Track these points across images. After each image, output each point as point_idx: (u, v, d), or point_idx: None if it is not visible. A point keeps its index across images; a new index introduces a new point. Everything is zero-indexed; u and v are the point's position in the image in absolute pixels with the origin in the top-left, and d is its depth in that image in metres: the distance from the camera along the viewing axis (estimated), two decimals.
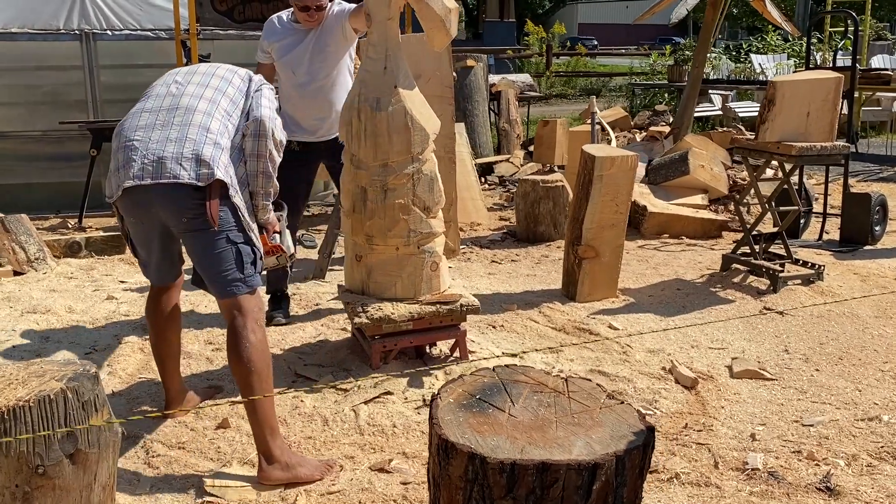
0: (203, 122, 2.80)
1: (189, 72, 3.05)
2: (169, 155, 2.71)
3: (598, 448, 1.78)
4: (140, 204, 2.81)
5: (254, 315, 2.82)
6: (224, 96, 2.92)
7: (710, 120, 12.54)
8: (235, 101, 2.94)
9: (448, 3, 3.46)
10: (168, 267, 3.10)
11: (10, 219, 5.40)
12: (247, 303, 2.82)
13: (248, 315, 2.80)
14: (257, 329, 2.81)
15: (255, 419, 2.76)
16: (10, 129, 7.35)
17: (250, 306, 2.82)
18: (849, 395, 3.54)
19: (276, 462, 2.77)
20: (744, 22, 29.33)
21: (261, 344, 2.79)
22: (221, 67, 3.07)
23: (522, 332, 4.29)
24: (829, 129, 4.88)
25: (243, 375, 2.76)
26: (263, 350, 2.80)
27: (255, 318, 2.82)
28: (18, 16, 7.19)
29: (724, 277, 5.21)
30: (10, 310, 4.57)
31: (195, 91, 2.91)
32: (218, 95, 2.91)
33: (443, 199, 3.66)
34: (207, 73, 3.01)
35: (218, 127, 2.82)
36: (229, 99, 2.93)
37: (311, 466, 2.83)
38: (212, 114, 2.84)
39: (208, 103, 2.87)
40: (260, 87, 3.02)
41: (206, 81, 2.95)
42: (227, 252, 2.79)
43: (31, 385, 2.31)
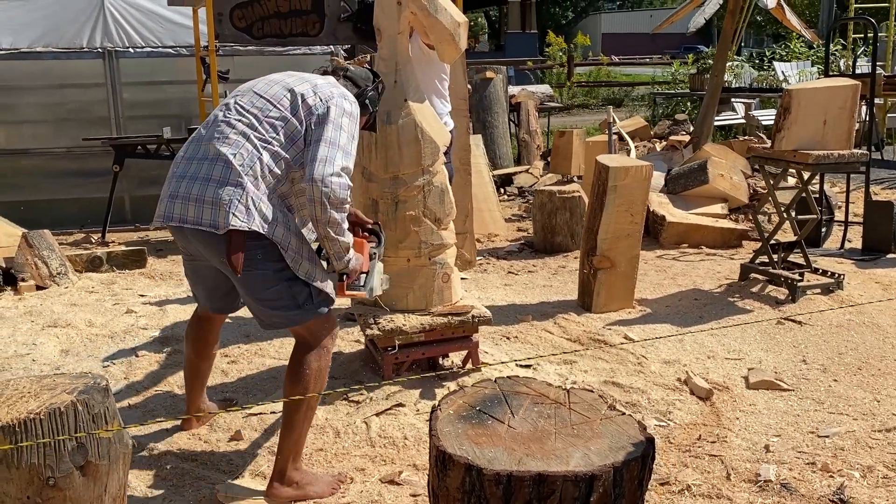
0: (229, 158, 2.57)
1: (248, 89, 2.79)
2: (195, 196, 2.56)
3: (596, 459, 1.77)
4: (183, 239, 2.76)
5: (318, 340, 2.75)
6: (264, 121, 2.64)
7: (732, 128, 12.45)
8: (277, 126, 2.64)
9: (457, 17, 3.49)
10: (220, 296, 2.99)
11: (32, 234, 5.50)
12: (310, 328, 2.74)
13: (311, 339, 2.75)
14: (323, 354, 2.76)
15: (287, 441, 2.75)
16: (35, 146, 7.50)
17: (314, 330, 2.74)
18: (867, 406, 3.49)
19: (288, 481, 2.78)
20: (768, 29, 29.11)
21: (321, 371, 2.75)
22: (280, 83, 2.75)
23: (537, 343, 4.28)
24: (847, 137, 4.83)
25: (291, 394, 2.73)
26: (321, 377, 2.76)
27: (320, 343, 2.75)
28: (43, 35, 7.35)
29: (743, 287, 5.16)
30: (32, 324, 4.65)
31: (235, 117, 2.68)
32: (256, 122, 2.64)
33: (454, 210, 3.67)
34: (262, 90, 2.74)
35: (245, 161, 2.57)
36: (269, 124, 2.64)
37: (321, 483, 2.83)
38: (241, 146, 2.59)
39: (239, 135, 2.62)
40: (325, 114, 2.64)
41: (252, 102, 2.70)
42: (272, 291, 2.66)
43: (43, 398, 2.35)
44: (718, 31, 25.11)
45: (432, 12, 3.38)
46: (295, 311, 2.71)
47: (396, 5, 3.39)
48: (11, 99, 7.38)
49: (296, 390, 2.70)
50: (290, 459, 2.76)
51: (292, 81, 2.76)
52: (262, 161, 2.60)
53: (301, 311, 2.71)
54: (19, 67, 7.31)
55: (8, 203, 7.19)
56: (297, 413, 2.71)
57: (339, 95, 2.71)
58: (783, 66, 13.78)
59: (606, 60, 21.71)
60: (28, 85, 7.37)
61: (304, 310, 2.71)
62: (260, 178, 2.59)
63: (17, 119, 7.45)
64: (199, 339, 3.16)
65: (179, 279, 5.72)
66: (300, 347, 2.77)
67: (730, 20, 8.15)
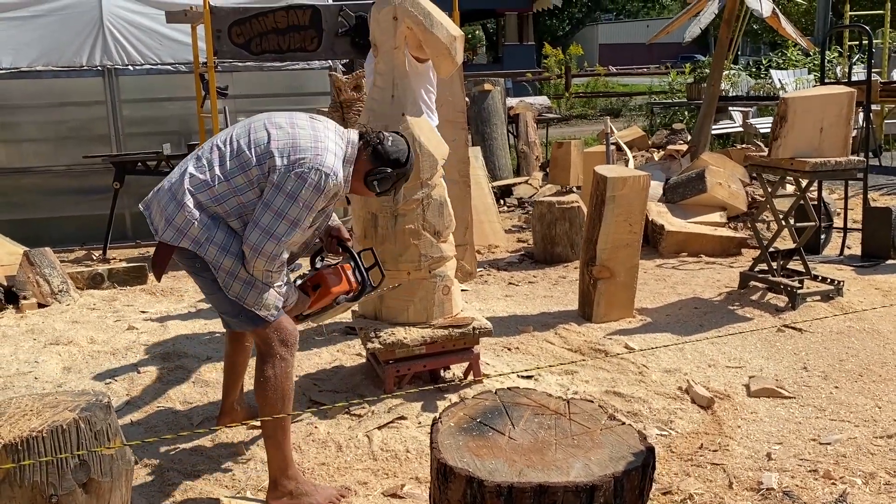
0: (186, 176, 2.72)
1: (253, 121, 2.85)
2: (158, 197, 2.77)
3: (597, 470, 1.78)
4: None
5: (269, 347, 2.80)
6: (235, 159, 2.72)
7: (730, 137, 12.49)
8: (244, 166, 2.70)
9: (453, 31, 3.51)
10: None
11: (34, 252, 5.52)
12: (259, 335, 2.81)
13: (263, 346, 2.81)
14: (276, 363, 2.79)
15: (270, 452, 2.82)
16: (36, 165, 7.53)
17: (263, 337, 2.80)
18: (868, 413, 3.50)
19: (283, 491, 2.81)
20: (764, 38, 29.22)
21: (276, 379, 2.78)
22: (268, 127, 2.77)
23: (538, 354, 4.28)
24: (843, 144, 4.86)
25: (260, 407, 2.82)
26: (278, 386, 2.79)
27: (272, 351, 2.80)
28: (42, 54, 7.39)
29: (743, 295, 5.17)
30: (34, 341, 4.66)
31: (221, 141, 2.79)
32: (229, 156, 2.73)
33: (453, 223, 3.69)
34: (255, 128, 2.79)
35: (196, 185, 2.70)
36: (237, 164, 2.71)
37: (320, 495, 2.84)
38: (204, 171, 2.72)
39: (211, 160, 2.74)
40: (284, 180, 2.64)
41: (240, 135, 2.78)
42: (214, 297, 2.81)
43: (45, 416, 2.36)
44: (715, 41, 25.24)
45: (428, 27, 3.41)
46: (236, 319, 2.81)
47: (392, 20, 3.42)
48: (12, 118, 7.41)
49: (261, 400, 2.80)
50: (279, 470, 2.81)
51: (279, 131, 2.74)
52: (213, 191, 2.70)
53: (240, 319, 2.80)
54: (19, 86, 7.35)
55: (9, 221, 7.21)
56: (268, 425, 2.79)
57: (309, 166, 2.66)
58: (780, 74, 13.83)
59: (603, 71, 21.79)
60: (28, 104, 7.41)
61: (243, 319, 2.80)
62: (205, 203, 2.69)
63: (18, 138, 7.49)
64: (235, 337, 3.25)
65: (180, 295, 5.74)
66: (258, 355, 2.85)
67: (726, 29, 8.20)
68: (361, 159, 2.87)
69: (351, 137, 2.87)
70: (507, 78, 15.20)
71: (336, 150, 2.76)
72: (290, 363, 2.83)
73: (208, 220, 2.69)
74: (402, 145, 2.94)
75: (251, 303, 2.73)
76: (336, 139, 2.80)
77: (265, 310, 2.75)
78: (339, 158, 2.76)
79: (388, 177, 2.89)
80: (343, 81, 4.99)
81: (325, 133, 2.78)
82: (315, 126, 2.80)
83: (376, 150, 2.86)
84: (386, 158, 2.87)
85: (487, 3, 24.72)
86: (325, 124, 2.85)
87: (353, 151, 2.85)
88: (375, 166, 2.87)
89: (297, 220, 2.65)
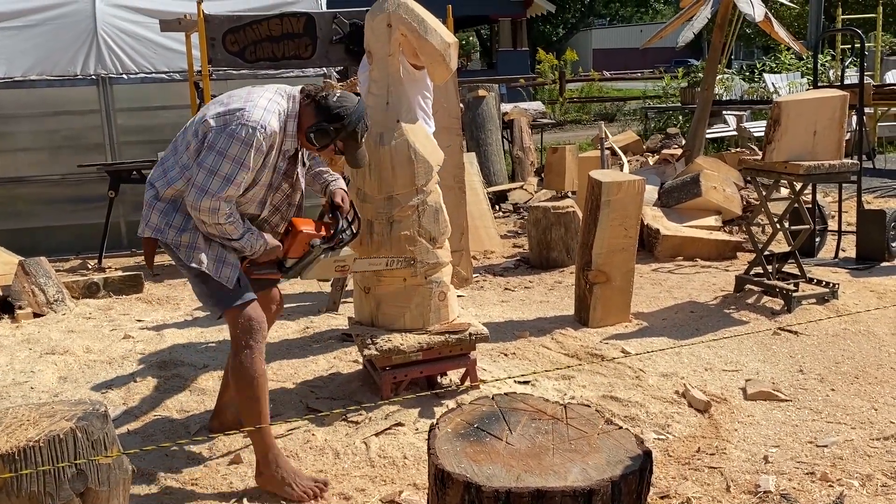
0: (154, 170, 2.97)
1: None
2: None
3: (594, 474, 1.78)
4: None
5: (237, 338, 2.94)
6: (185, 138, 2.92)
7: (724, 141, 12.53)
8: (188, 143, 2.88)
9: (447, 37, 3.53)
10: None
11: (29, 262, 5.51)
12: (232, 321, 2.95)
13: (234, 333, 2.96)
14: (242, 350, 2.92)
15: (250, 436, 3.00)
16: (30, 174, 7.52)
17: (231, 324, 2.95)
18: (864, 415, 3.51)
19: (267, 475, 2.95)
20: (757, 42, 29.34)
21: (243, 366, 2.91)
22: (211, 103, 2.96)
23: (534, 359, 4.29)
24: (837, 147, 4.88)
25: (236, 393, 3.00)
26: (245, 373, 2.92)
27: (239, 339, 2.93)
28: (37, 63, 7.39)
29: (738, 299, 5.18)
30: (30, 351, 4.65)
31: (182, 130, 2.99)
32: (181, 137, 2.94)
33: (448, 229, 3.69)
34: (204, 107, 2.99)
35: (155, 174, 2.93)
36: (184, 141, 2.91)
37: (300, 487, 2.93)
38: (165, 160, 2.94)
39: (171, 148, 2.97)
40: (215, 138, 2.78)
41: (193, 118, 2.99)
42: (192, 286, 3.03)
43: (42, 425, 2.35)
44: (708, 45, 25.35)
45: (422, 34, 3.42)
46: (206, 304, 3.03)
47: (387, 28, 3.43)
48: (6, 127, 7.40)
49: (234, 387, 2.98)
50: (260, 454, 2.96)
51: (216, 105, 2.90)
52: (167, 176, 2.89)
53: (209, 304, 3.00)
54: (13, 96, 7.34)
55: (4, 231, 7.19)
56: (242, 409, 3.00)
57: (237, 122, 2.76)
58: (773, 78, 13.89)
59: (598, 76, 21.85)
60: (23, 113, 7.40)
61: (210, 304, 2.98)
62: (161, 189, 2.89)
63: (13, 147, 7.47)
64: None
65: (176, 303, 5.73)
66: (231, 346, 2.98)
67: (719, 34, 8.23)
68: (305, 114, 2.95)
69: (293, 93, 2.97)
70: (501, 84, 15.23)
71: (269, 106, 2.84)
72: (257, 349, 2.94)
73: (166, 206, 2.90)
74: (348, 102, 2.96)
75: (212, 270, 2.88)
76: (275, 97, 2.90)
77: (225, 279, 2.90)
78: (271, 113, 2.83)
79: (326, 131, 2.93)
80: (338, 89, 5.00)
81: (259, 92, 2.90)
82: (252, 89, 2.93)
83: (318, 104, 2.94)
84: (326, 112, 2.92)
85: (481, 10, 24.75)
86: (266, 87, 2.96)
87: (293, 106, 2.94)
88: (317, 120, 2.93)
89: (229, 176, 2.75)
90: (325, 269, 3.22)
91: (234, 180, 2.76)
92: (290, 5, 7.69)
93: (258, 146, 2.78)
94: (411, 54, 3.70)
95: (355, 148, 3.05)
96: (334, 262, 3.22)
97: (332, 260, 3.20)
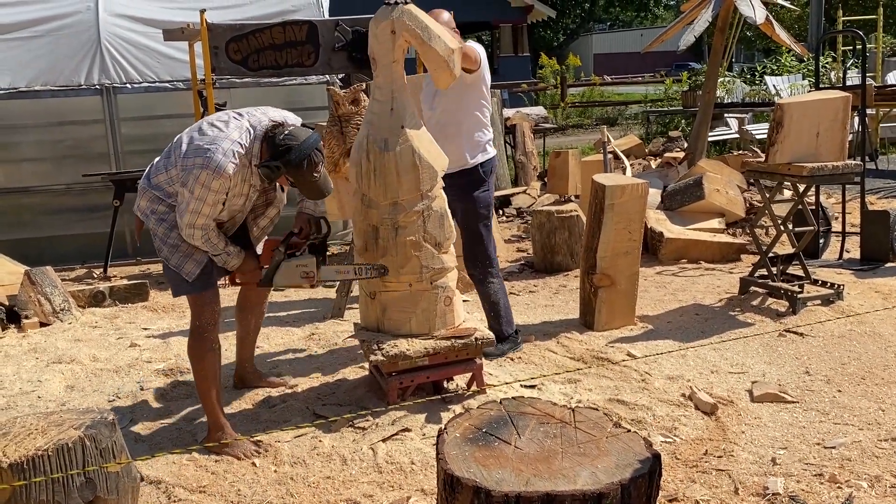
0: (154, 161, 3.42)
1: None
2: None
3: (604, 477, 1.78)
4: None
5: (193, 318, 3.40)
6: (175, 141, 3.33)
7: (727, 143, 12.53)
8: (174, 149, 3.31)
9: (451, 43, 3.53)
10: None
11: (35, 271, 5.52)
12: (190, 305, 3.42)
13: (191, 319, 3.41)
14: (195, 335, 3.38)
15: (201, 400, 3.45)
16: (35, 184, 7.54)
17: (190, 307, 3.42)
18: (872, 416, 3.50)
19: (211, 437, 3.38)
20: (758, 44, 29.35)
21: (192, 346, 3.39)
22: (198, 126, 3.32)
23: (540, 363, 4.29)
24: (840, 149, 4.88)
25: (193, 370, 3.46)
26: (194, 352, 3.39)
27: (194, 323, 3.39)
28: (41, 74, 7.42)
29: (743, 301, 5.18)
30: (37, 360, 4.66)
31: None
32: (175, 144, 3.32)
33: (453, 234, 3.70)
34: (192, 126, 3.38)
35: (151, 170, 3.37)
36: (172, 144, 3.33)
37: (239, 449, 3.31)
38: (162, 157, 3.36)
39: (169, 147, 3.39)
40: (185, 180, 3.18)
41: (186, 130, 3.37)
42: (163, 264, 3.43)
43: (51, 434, 2.36)
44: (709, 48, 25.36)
45: (426, 40, 3.43)
46: (172, 288, 3.43)
47: (390, 34, 3.44)
48: (11, 138, 7.43)
49: (191, 364, 3.44)
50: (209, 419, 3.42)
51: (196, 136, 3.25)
52: (158, 177, 3.32)
53: (172, 287, 3.42)
54: (18, 106, 7.36)
55: (10, 241, 7.21)
56: (197, 385, 3.45)
57: (200, 165, 3.13)
58: (774, 81, 13.90)
59: (599, 80, 21.87)
60: (27, 123, 7.42)
61: (173, 287, 3.41)
62: (153, 184, 3.33)
63: (18, 157, 7.49)
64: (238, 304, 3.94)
65: (182, 311, 5.74)
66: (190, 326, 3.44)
67: (719, 37, 8.24)
68: (263, 150, 3.24)
69: (259, 132, 3.24)
70: (503, 89, 15.25)
71: (230, 149, 3.15)
72: (204, 328, 3.36)
73: (154, 196, 3.33)
74: (293, 140, 3.18)
75: (174, 264, 3.32)
76: (241, 137, 3.20)
77: (185, 273, 3.32)
78: (230, 157, 3.13)
79: (270, 167, 3.19)
80: (341, 95, 5.00)
81: (227, 132, 3.19)
82: (225, 126, 3.23)
83: (268, 142, 3.21)
84: (273, 149, 3.19)
85: (482, 16, 24.81)
86: (238, 123, 3.25)
87: (256, 145, 3.23)
88: (265, 158, 3.22)
89: (195, 210, 3.16)
90: (289, 274, 3.47)
91: (200, 212, 3.18)
92: (293, 13, 7.72)
93: (216, 188, 3.15)
94: (464, 60, 3.78)
95: (307, 180, 3.26)
96: (297, 266, 3.46)
97: (294, 265, 3.45)
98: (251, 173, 3.26)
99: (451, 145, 4.20)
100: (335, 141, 5.12)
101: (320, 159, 3.24)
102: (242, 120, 3.27)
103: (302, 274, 3.47)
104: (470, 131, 4.22)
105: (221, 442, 3.32)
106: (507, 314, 4.45)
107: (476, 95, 4.22)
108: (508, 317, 4.46)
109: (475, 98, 4.22)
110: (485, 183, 4.27)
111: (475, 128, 4.23)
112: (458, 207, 4.25)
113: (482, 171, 4.25)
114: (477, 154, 4.24)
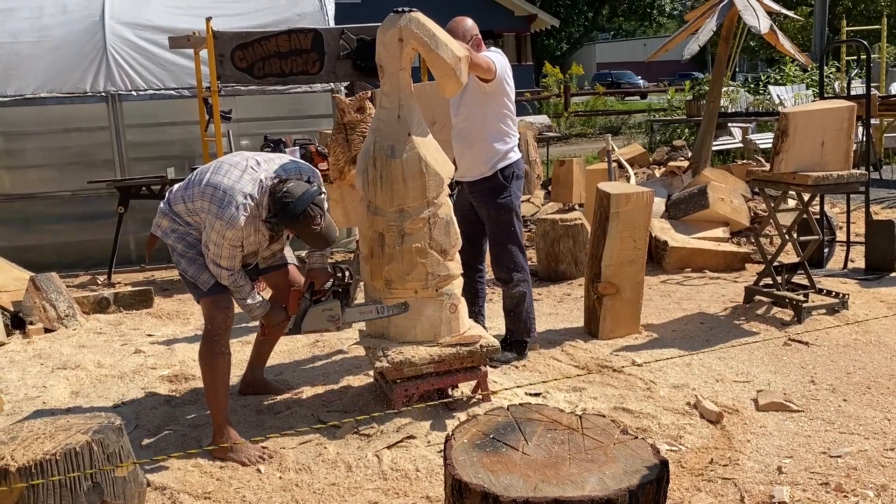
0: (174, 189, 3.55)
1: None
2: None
3: (612, 484, 1.78)
4: None
5: (206, 321, 3.50)
6: (197, 173, 3.48)
7: (731, 153, 12.54)
8: (195, 183, 3.43)
9: (457, 51, 3.55)
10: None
11: (40, 277, 5.53)
12: (202, 309, 3.51)
13: (203, 319, 3.53)
14: (206, 338, 3.46)
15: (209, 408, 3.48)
16: (40, 191, 7.56)
17: (203, 310, 3.51)
18: (878, 425, 3.49)
19: (217, 442, 3.39)
20: (762, 54, 29.40)
21: (203, 351, 3.45)
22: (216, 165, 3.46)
23: (545, 371, 4.29)
24: (845, 158, 4.88)
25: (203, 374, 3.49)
26: (204, 356, 3.44)
27: (206, 326, 3.48)
28: (47, 81, 7.45)
29: (748, 310, 5.18)
30: (42, 366, 4.67)
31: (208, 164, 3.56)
32: (194, 178, 3.46)
33: (459, 241, 3.71)
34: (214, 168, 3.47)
35: (173, 197, 3.49)
36: (193, 178, 3.46)
37: (245, 454, 3.33)
38: (184, 188, 3.47)
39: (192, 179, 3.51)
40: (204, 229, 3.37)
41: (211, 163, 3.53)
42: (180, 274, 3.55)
43: (58, 439, 2.37)
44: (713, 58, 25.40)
45: (433, 48, 3.45)
46: (191, 291, 3.54)
47: (398, 42, 3.45)
48: (17, 144, 7.46)
49: (200, 368, 3.49)
50: (215, 423, 3.43)
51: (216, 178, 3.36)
52: (178, 206, 3.45)
53: (192, 293, 3.55)
54: (24, 113, 7.40)
55: (15, 247, 7.23)
56: (206, 388, 3.48)
57: (216, 216, 3.28)
58: (778, 90, 13.91)
59: (602, 90, 21.90)
60: (33, 130, 7.45)
61: (192, 293, 3.54)
62: (174, 209, 3.47)
63: (23, 164, 7.52)
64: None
65: (186, 318, 5.75)
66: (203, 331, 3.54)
67: (724, 46, 8.26)
68: (270, 202, 3.37)
69: (267, 183, 3.38)
70: None
71: (244, 202, 3.30)
72: (216, 332, 3.43)
73: (175, 217, 3.47)
74: (291, 196, 3.30)
75: (191, 275, 3.46)
76: (254, 187, 3.33)
77: (200, 283, 3.45)
78: (241, 209, 3.28)
79: (273, 223, 3.39)
80: (346, 103, 5.02)
81: (241, 185, 3.32)
82: (243, 175, 3.35)
83: (271, 196, 3.36)
84: (274, 203, 3.35)
85: (486, 25, 24.85)
86: (253, 175, 3.36)
87: (263, 197, 3.36)
88: (269, 212, 3.38)
89: (217, 255, 3.35)
90: (316, 319, 3.60)
91: (221, 255, 3.35)
92: (298, 21, 7.75)
93: (230, 237, 3.31)
94: (473, 68, 3.82)
95: (307, 233, 3.39)
96: (322, 311, 3.58)
97: (320, 310, 3.58)
98: (261, 224, 3.42)
99: (472, 152, 4.25)
100: (340, 148, 5.14)
101: (318, 212, 3.35)
102: (258, 172, 3.39)
103: (328, 318, 3.60)
104: (490, 139, 4.24)
105: (226, 446, 3.34)
106: (528, 320, 4.48)
107: (496, 104, 4.23)
108: (528, 323, 4.48)
109: (495, 107, 4.24)
110: (506, 189, 4.27)
111: (496, 136, 4.25)
112: (482, 214, 4.30)
113: (502, 177, 4.26)
114: (496, 161, 4.25)
